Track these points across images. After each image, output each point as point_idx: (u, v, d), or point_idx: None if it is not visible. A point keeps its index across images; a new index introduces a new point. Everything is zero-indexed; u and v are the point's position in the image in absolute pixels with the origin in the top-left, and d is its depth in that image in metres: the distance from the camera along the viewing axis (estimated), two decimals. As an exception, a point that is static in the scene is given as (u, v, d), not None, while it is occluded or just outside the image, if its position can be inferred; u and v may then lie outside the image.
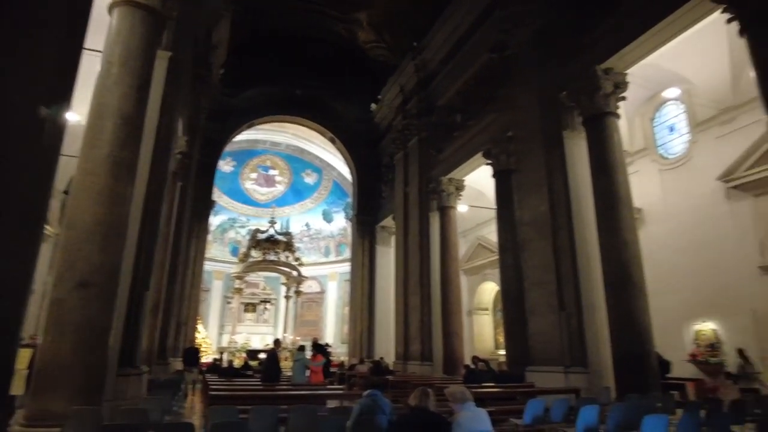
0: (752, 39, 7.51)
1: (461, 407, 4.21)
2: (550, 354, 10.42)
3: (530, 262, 11.50)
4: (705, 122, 13.02)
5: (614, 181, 9.93)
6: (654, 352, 9.19)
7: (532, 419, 6.86)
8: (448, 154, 16.89)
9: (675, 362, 12.30)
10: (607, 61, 10.39)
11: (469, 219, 20.70)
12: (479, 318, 21.68)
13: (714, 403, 7.58)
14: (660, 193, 14.01)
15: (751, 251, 11.42)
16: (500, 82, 13.91)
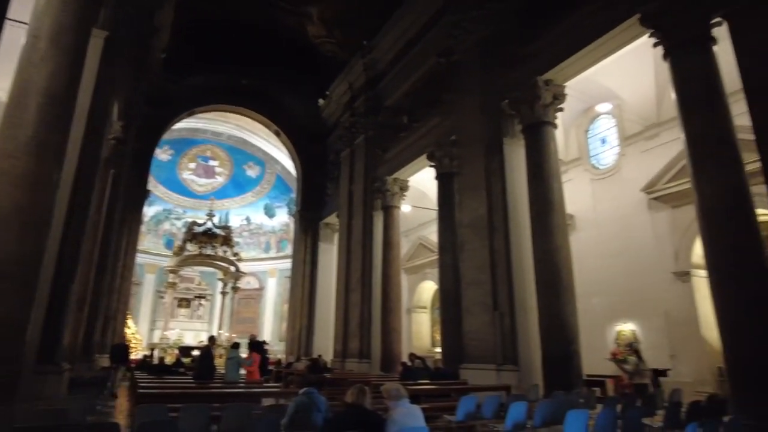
0: (673, 63, 8.14)
1: (396, 404, 4.28)
2: (484, 352, 10.77)
3: (468, 262, 11.83)
4: (633, 136, 13.93)
5: (549, 187, 10.40)
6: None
7: (465, 416, 7.06)
8: (394, 154, 17.06)
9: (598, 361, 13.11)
10: (547, 72, 10.85)
11: (412, 219, 21.01)
12: (418, 316, 22.06)
13: (629, 398, 8.18)
14: (590, 201, 14.83)
15: (668, 258, 12.36)
16: (446, 87, 14.20)
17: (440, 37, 14.54)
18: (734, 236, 6.91)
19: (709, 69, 7.67)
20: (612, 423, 5.81)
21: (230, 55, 21.53)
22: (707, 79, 7.62)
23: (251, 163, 30.26)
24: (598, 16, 9.71)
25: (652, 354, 12.55)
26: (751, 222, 6.92)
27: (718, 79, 7.63)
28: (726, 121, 7.39)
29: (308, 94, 23.57)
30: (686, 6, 7.97)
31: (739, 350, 6.67)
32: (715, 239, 7.13)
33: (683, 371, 11.58)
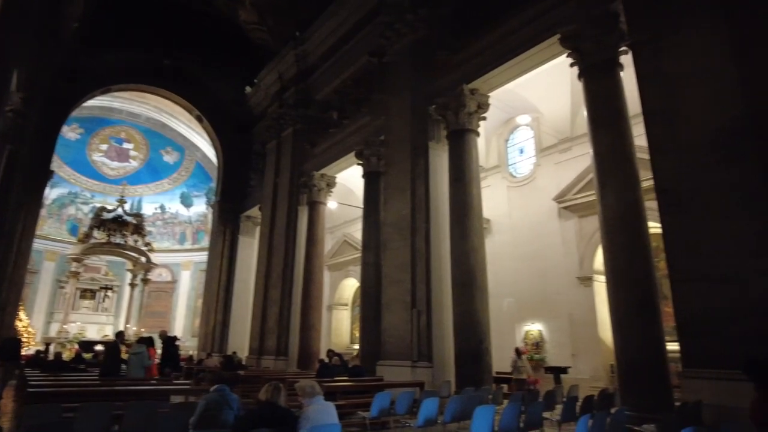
0: (586, 83, 8.81)
1: (310, 401, 4.28)
2: (400, 349, 11.00)
3: (390, 261, 12.02)
4: (548, 148, 14.86)
5: (469, 192, 10.83)
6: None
7: (379, 412, 7.17)
8: (322, 150, 16.93)
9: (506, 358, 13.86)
10: (473, 82, 11.28)
11: (338, 216, 20.99)
12: (338, 313, 22.08)
13: (532, 394, 8.74)
14: (507, 207, 15.63)
15: (573, 263, 13.33)
16: (377, 87, 14.33)
17: (373, 37, 14.63)
18: (628, 245, 7.60)
19: (615, 92, 8.38)
20: (516, 417, 6.17)
21: (154, 33, 20.30)
22: (614, 101, 8.32)
23: (169, 148, 28.67)
24: (522, 32, 10.23)
25: (555, 352, 13.49)
26: (643, 233, 7.65)
27: (622, 101, 8.36)
28: (628, 140, 8.12)
29: (235, 80, 22.73)
30: (599, 32, 8.63)
31: (626, 349, 7.35)
32: (613, 247, 7.80)
33: (582, 369, 12.55)
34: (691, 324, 6.46)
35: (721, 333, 6.11)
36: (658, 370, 7.08)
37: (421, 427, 6.54)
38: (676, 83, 7.09)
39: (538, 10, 9.89)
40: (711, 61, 6.77)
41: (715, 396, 6.01)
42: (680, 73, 7.08)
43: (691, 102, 6.89)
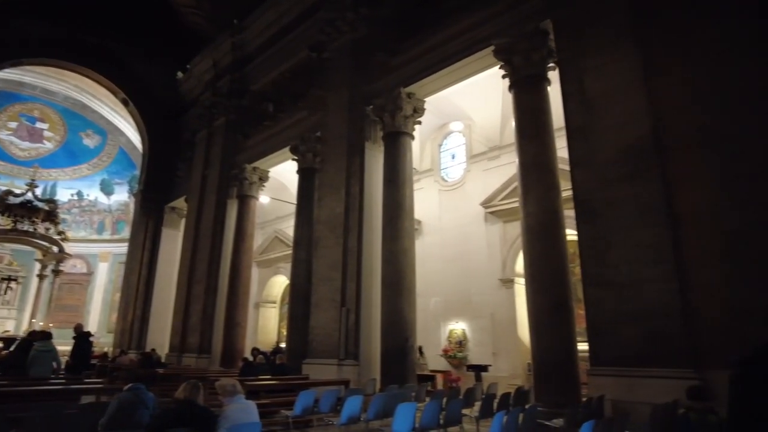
0: (515, 96, 9.26)
1: (231, 400, 4.19)
2: (328, 347, 11.00)
3: (321, 259, 11.98)
4: (478, 155, 15.43)
5: (402, 194, 11.03)
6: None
7: (302, 410, 7.13)
8: (256, 142, 16.52)
9: (431, 356, 14.25)
10: (410, 86, 11.48)
11: (270, 211, 20.58)
12: (266, 311, 21.66)
13: (454, 392, 9.06)
14: (437, 209, 16.06)
15: (497, 266, 13.94)
16: (315, 82, 14.21)
17: (314, 32, 14.49)
18: (547, 251, 8.08)
19: (542, 106, 8.89)
20: (436, 414, 6.38)
21: (77, 6, 18.83)
22: (540, 115, 8.82)
23: (90, 131, 26.73)
24: (459, 41, 10.55)
25: (477, 351, 14.04)
26: (561, 240, 8.17)
27: (548, 115, 8.87)
28: (551, 152, 8.63)
29: (166, 65, 21.62)
30: (530, 47, 9.11)
31: (541, 348, 7.82)
32: (533, 252, 8.26)
33: (502, 367, 13.15)
34: (599, 325, 7.01)
35: (623, 334, 6.68)
36: (569, 369, 7.59)
37: (344, 424, 6.59)
38: (595, 102, 7.65)
39: (474, 21, 10.25)
40: (625, 84, 7.37)
41: (616, 391, 6.56)
42: (599, 93, 7.65)
43: (606, 120, 7.46)
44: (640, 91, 7.20)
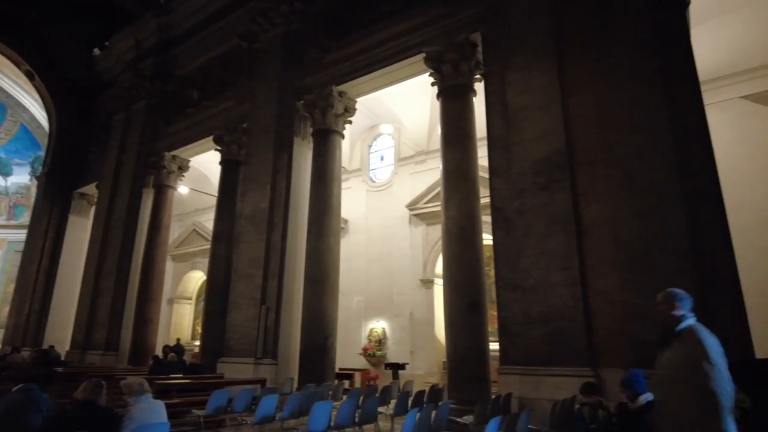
0: (443, 104, 9.55)
1: (137, 400, 3.99)
2: (245, 345, 10.74)
3: (242, 255, 11.66)
4: (406, 159, 15.75)
5: (330, 192, 11.00)
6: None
7: (215, 410, 6.93)
8: (178, 129, 15.71)
9: (351, 355, 14.34)
10: (343, 85, 11.46)
11: (189, 202, 19.71)
12: (181, 307, 20.73)
13: (371, 389, 9.19)
14: (364, 209, 16.20)
15: (418, 267, 14.31)
16: (245, 72, 13.79)
17: (246, 21, 14.04)
18: (464, 254, 8.40)
19: (466, 115, 9.23)
20: (352, 412, 6.44)
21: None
22: (464, 124, 9.15)
23: (-15, 104, 24.19)
24: (392, 45, 10.67)
25: (396, 349, 14.33)
26: (478, 244, 8.53)
27: (472, 124, 9.23)
28: (473, 160, 8.99)
29: (81, 38, 19.95)
30: (459, 57, 9.43)
31: (455, 347, 8.13)
32: (451, 255, 8.56)
33: (419, 365, 13.51)
34: (509, 326, 7.43)
35: (530, 334, 7.13)
36: (481, 367, 7.95)
37: (258, 424, 6.49)
38: (515, 115, 8.09)
39: (408, 27, 10.43)
40: (543, 101, 7.87)
41: (522, 389, 6.99)
42: (519, 107, 8.10)
43: (524, 134, 7.92)
44: (557, 108, 7.71)
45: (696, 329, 2.86)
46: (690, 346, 2.79)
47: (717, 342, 2.78)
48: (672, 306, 2.97)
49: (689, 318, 2.94)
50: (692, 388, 2.70)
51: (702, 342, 2.76)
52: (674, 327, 2.92)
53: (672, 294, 3.02)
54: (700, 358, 2.71)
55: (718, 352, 2.74)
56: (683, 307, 2.96)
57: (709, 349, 2.73)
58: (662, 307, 3.01)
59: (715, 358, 2.71)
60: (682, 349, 2.83)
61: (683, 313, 2.95)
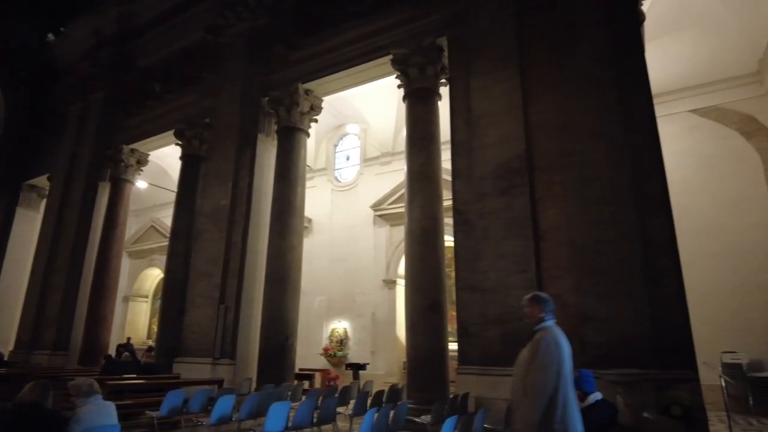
0: (408, 107, 9.65)
1: (85, 401, 3.86)
2: (203, 345, 10.54)
3: (202, 253, 11.43)
4: (371, 159, 15.81)
5: (293, 191, 10.91)
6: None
7: (169, 411, 6.77)
8: (138, 122, 15.23)
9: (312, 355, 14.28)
10: (309, 83, 11.40)
11: (147, 198, 19.15)
12: (137, 305, 20.12)
13: (330, 390, 9.17)
14: (329, 209, 16.16)
15: (381, 267, 14.39)
16: (210, 66, 13.49)
17: (212, 14, 13.73)
18: (426, 255, 8.52)
19: (431, 118, 9.36)
20: (310, 413, 6.42)
21: None
22: (429, 127, 9.28)
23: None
24: (359, 45, 10.68)
25: (357, 349, 14.35)
26: (439, 246, 8.66)
27: (437, 127, 9.37)
28: (436, 163, 9.12)
29: (35, 22, 19.04)
30: (425, 61, 9.54)
31: (415, 347, 8.23)
32: (413, 256, 8.66)
33: (379, 365, 13.58)
34: (467, 327, 7.57)
35: (488, 335, 7.29)
36: (440, 367, 8.07)
37: (214, 425, 6.38)
38: (478, 121, 8.26)
39: (376, 28, 10.46)
40: (505, 107, 8.06)
41: (479, 389, 7.13)
42: (482, 112, 8.27)
43: (486, 139, 8.10)
44: (518, 115, 7.91)
45: (546, 331, 3.13)
46: (533, 345, 3.07)
47: (561, 344, 3.04)
48: (535, 309, 3.21)
49: (548, 321, 3.19)
50: (525, 382, 2.99)
51: (540, 341, 3.05)
52: (533, 328, 3.19)
53: (537, 298, 3.28)
54: (535, 356, 3.00)
55: (555, 353, 3.01)
56: (545, 310, 3.21)
57: (544, 350, 3.00)
58: (527, 310, 3.26)
59: (548, 358, 2.98)
60: (529, 348, 3.10)
61: (543, 315, 3.19)
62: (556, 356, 2.99)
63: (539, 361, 3.00)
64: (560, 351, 3.01)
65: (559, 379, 2.96)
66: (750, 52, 10.97)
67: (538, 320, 3.19)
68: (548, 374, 2.93)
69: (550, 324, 3.16)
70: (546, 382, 2.91)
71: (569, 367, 3.04)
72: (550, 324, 3.16)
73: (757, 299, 9.94)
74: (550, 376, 2.93)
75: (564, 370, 3.00)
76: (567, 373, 3.01)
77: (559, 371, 2.98)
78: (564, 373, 3.00)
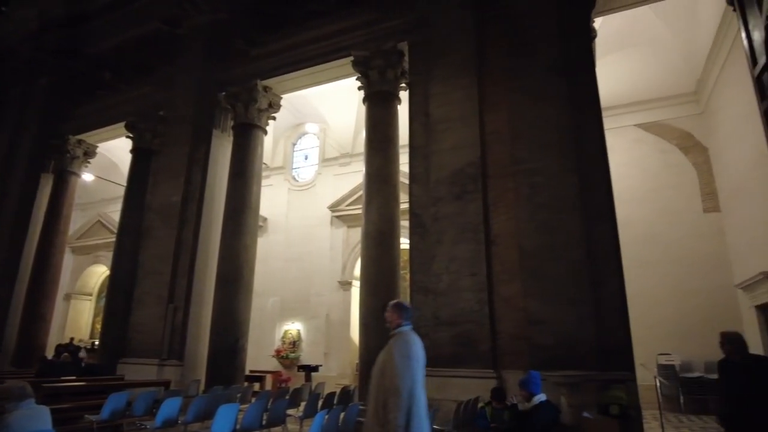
0: (368, 109, 9.70)
1: (17, 406, 3.65)
2: (149, 346, 10.18)
3: (151, 250, 11.04)
4: (330, 160, 15.75)
5: (249, 189, 10.71)
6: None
7: (111, 414, 6.51)
8: (87, 112, 14.54)
9: (264, 357, 14.06)
10: (268, 80, 11.24)
11: (94, 191, 18.34)
12: (79, 303, 19.21)
13: (281, 392, 9.07)
14: (285, 208, 15.98)
15: (337, 269, 14.35)
16: (165, 57, 13.07)
17: (170, 4, 13.28)
18: (382, 257, 8.57)
19: (390, 122, 9.43)
20: (259, 415, 6.33)
21: None
22: (388, 130, 9.34)
23: None
24: (321, 45, 10.62)
25: (310, 351, 14.25)
26: (395, 248, 8.74)
27: (395, 131, 9.45)
28: (394, 166, 9.20)
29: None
30: (386, 64, 9.61)
31: (368, 348, 8.24)
32: (369, 257, 8.69)
33: (332, 367, 13.53)
34: (420, 329, 7.58)
35: (439, 337, 7.41)
36: (391, 368, 8.11)
37: (160, 428, 6.18)
38: (436, 126, 8.39)
39: (338, 28, 10.43)
40: (462, 114, 8.23)
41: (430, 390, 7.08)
42: (440, 118, 8.41)
43: (443, 144, 8.24)
44: (474, 122, 8.09)
45: (400, 335, 3.31)
46: (388, 348, 3.24)
47: (413, 347, 3.22)
48: (395, 315, 3.38)
49: (405, 326, 3.36)
50: (382, 383, 3.12)
51: (393, 346, 3.22)
52: (390, 332, 3.36)
53: (398, 305, 3.47)
54: (390, 359, 3.15)
55: (408, 356, 3.18)
56: (403, 317, 3.38)
57: (397, 353, 3.16)
58: (388, 315, 3.42)
59: (402, 361, 3.14)
60: (385, 351, 3.27)
61: (401, 321, 3.36)
62: (408, 358, 3.15)
63: (394, 362, 3.12)
64: (412, 354, 3.18)
65: (411, 382, 3.12)
66: (689, 74, 11.69)
67: (397, 325, 3.34)
68: (403, 375, 3.08)
69: (405, 329, 3.32)
70: (402, 383, 3.05)
71: (421, 371, 3.22)
72: (406, 329, 3.32)
73: (689, 305, 10.57)
74: (405, 377, 3.08)
75: (415, 374, 3.17)
76: (418, 378, 3.18)
77: (412, 374, 3.15)
78: (415, 376, 3.17)
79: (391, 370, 3.10)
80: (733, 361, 4.26)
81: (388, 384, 3.05)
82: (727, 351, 4.34)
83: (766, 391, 3.94)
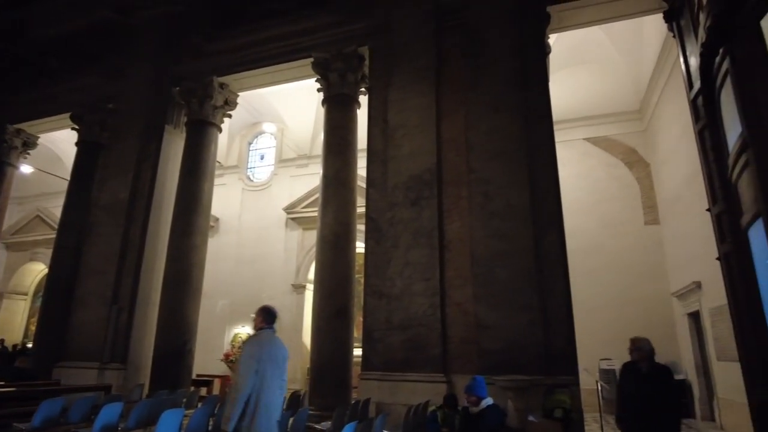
0: (327, 112, 9.66)
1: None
2: (90, 349, 9.72)
3: (94, 248, 10.55)
4: (287, 161, 15.57)
5: (200, 187, 10.41)
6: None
7: (43, 421, 6.15)
8: (27, 100, 13.70)
9: (212, 361, 13.68)
10: (225, 76, 10.96)
11: (34, 184, 17.35)
12: (13, 303, 18.07)
13: (228, 395, 8.85)
14: (239, 208, 15.64)
15: (291, 272, 14.18)
16: (117, 47, 12.53)
17: (123, -8, 12.82)
18: (337, 260, 8.53)
19: (349, 125, 9.42)
20: (206, 420, 6.16)
21: None
22: (346, 133, 9.32)
23: None
24: (281, 44, 10.46)
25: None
26: (350, 251, 8.72)
27: (354, 135, 9.44)
28: (352, 170, 9.18)
29: None
30: (346, 68, 9.60)
31: (320, 353, 8.17)
32: (324, 260, 8.63)
33: (283, 370, 13.30)
34: (372, 332, 7.70)
35: (391, 340, 7.47)
36: (343, 372, 8.09)
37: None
38: (394, 132, 8.48)
39: (299, 29, 10.31)
40: (419, 121, 8.37)
41: (381, 394, 7.27)
42: (398, 124, 8.51)
43: (401, 150, 8.34)
44: (431, 130, 8.23)
45: (256, 336, 3.78)
46: (242, 348, 3.73)
47: (265, 349, 3.67)
48: (259, 318, 3.90)
49: (265, 329, 3.84)
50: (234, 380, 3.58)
51: (245, 346, 3.70)
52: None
53: (264, 309, 3.99)
54: (240, 359, 3.60)
55: (254, 356, 3.57)
56: (267, 320, 3.89)
57: (245, 353, 3.61)
58: (254, 317, 3.96)
59: (247, 360, 3.53)
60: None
61: (263, 324, 3.86)
62: (253, 358, 3.46)
63: (240, 361, 3.45)
64: (259, 355, 3.47)
65: (257, 380, 3.32)
66: (634, 93, 12.35)
67: (259, 327, 3.75)
68: (244, 374, 3.30)
69: (263, 331, 3.72)
70: (243, 381, 3.26)
71: (271, 370, 3.40)
72: (264, 331, 3.71)
73: (630, 312, 11.11)
74: (247, 376, 3.28)
75: (264, 374, 3.36)
76: (268, 376, 3.35)
77: (258, 373, 3.36)
78: (263, 375, 3.36)
79: (238, 369, 3.40)
80: (638, 367, 4.48)
81: (234, 381, 3.39)
82: (635, 357, 4.56)
83: (660, 399, 4.19)
